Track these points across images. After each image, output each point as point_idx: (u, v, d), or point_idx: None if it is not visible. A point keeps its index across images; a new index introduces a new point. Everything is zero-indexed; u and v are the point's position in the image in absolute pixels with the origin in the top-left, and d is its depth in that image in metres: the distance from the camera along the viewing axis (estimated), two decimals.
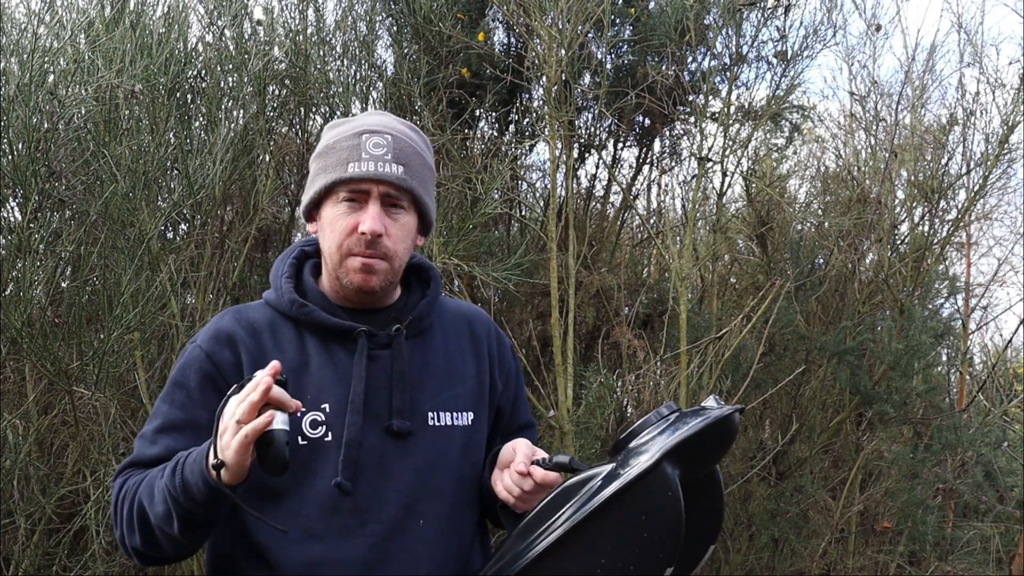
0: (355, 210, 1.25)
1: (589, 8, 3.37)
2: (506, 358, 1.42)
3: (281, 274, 1.35)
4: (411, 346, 1.30)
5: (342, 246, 1.25)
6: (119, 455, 2.98)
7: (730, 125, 3.73)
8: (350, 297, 1.30)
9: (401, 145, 1.27)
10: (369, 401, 1.24)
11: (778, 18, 3.72)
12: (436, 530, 1.25)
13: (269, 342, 1.28)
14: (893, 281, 4.09)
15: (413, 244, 1.32)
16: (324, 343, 1.28)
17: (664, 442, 1.06)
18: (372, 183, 1.24)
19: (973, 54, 4.11)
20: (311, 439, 1.22)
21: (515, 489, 1.21)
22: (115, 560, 3.04)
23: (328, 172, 1.27)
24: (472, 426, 1.32)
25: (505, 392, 1.41)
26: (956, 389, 4.95)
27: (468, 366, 1.36)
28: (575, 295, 3.53)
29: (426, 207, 1.31)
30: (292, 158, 3.77)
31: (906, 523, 4.09)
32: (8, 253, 2.74)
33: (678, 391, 3.47)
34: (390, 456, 1.24)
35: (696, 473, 1.12)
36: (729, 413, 1.09)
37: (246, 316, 1.32)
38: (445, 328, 1.37)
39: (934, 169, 4.27)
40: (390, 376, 1.26)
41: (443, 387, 1.31)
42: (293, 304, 1.29)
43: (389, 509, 1.23)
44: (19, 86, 2.63)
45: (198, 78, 3.35)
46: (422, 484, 1.25)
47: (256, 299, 1.42)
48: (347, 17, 3.68)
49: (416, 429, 1.26)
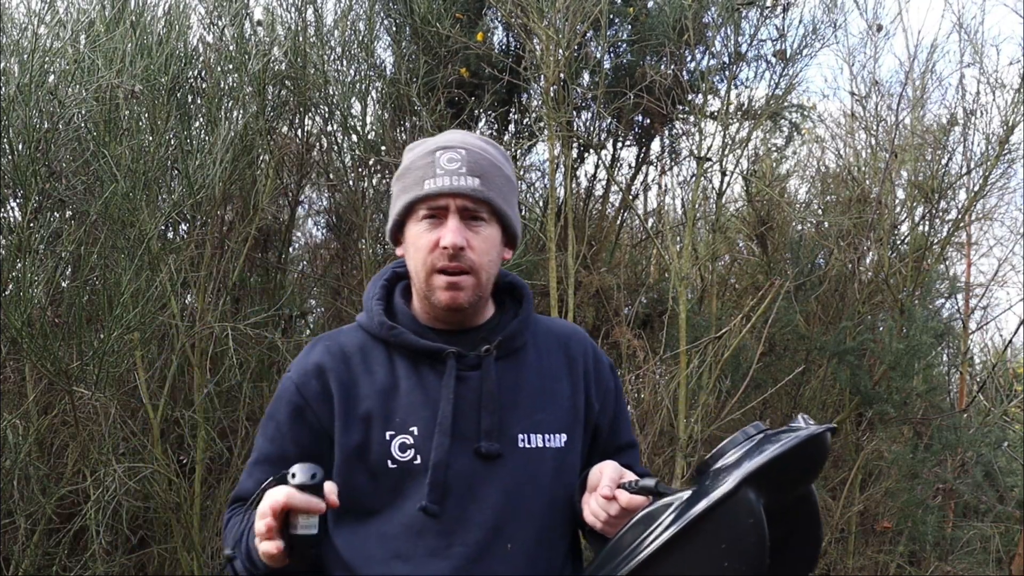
0: (435, 226, 1.25)
1: (587, 8, 3.38)
2: (603, 377, 1.39)
3: (372, 296, 1.35)
4: (502, 367, 1.29)
5: (427, 263, 1.25)
6: (119, 455, 2.99)
7: (729, 124, 3.73)
8: (440, 317, 1.30)
9: (475, 158, 1.27)
10: (457, 423, 1.23)
11: (777, 17, 3.72)
12: (524, 554, 1.24)
13: (359, 366, 1.28)
14: (893, 281, 4.09)
15: (499, 257, 1.31)
16: (414, 365, 1.28)
17: (746, 465, 1.00)
18: (448, 197, 1.24)
19: (973, 54, 4.11)
20: (400, 462, 1.23)
21: (601, 514, 1.18)
22: (115, 560, 3.05)
23: (406, 192, 1.28)
24: (565, 448, 1.30)
25: (603, 412, 1.37)
26: (956, 389, 4.95)
27: (562, 386, 1.33)
28: (574, 295, 3.53)
29: (508, 219, 1.30)
30: (292, 158, 3.78)
31: (906, 523, 4.09)
32: (8, 253, 2.74)
33: (678, 391, 3.47)
34: (478, 478, 1.23)
35: (787, 496, 1.07)
36: (818, 432, 1.03)
37: (337, 342, 1.32)
38: (539, 347, 1.35)
39: (934, 169, 4.27)
40: (479, 397, 1.25)
41: (535, 408, 1.29)
42: (383, 326, 1.29)
43: (476, 532, 1.22)
44: (19, 86, 2.64)
45: (198, 78, 3.36)
46: (510, 507, 1.24)
47: (257, 299, 1.43)
48: (346, 17, 3.68)
49: (505, 451, 1.25)
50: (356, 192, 3.77)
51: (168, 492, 3.07)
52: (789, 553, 1.06)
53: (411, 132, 3.69)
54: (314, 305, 4.21)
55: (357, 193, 3.76)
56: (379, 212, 3.83)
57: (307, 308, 4.13)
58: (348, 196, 3.77)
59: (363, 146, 3.69)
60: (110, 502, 2.85)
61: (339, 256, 4.02)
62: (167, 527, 3.15)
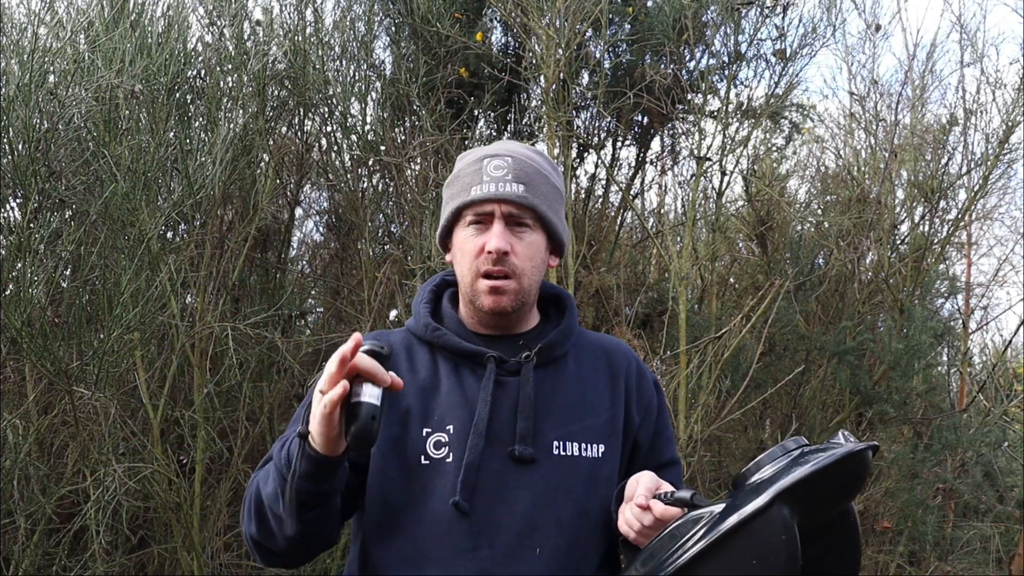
0: (481, 232, 1.30)
1: (587, 7, 3.38)
2: (646, 392, 1.40)
3: (420, 300, 1.40)
4: (541, 375, 1.31)
5: (472, 267, 1.30)
6: (119, 455, 2.99)
7: (729, 124, 3.73)
8: (485, 321, 1.34)
9: (522, 165, 1.31)
10: (493, 425, 1.25)
11: (777, 16, 3.72)
12: (553, 560, 1.23)
13: (404, 363, 1.32)
14: (893, 281, 4.09)
15: (544, 264, 1.35)
16: (455, 367, 1.31)
17: (781, 481, 0.98)
18: (494, 203, 1.29)
19: (973, 54, 4.11)
20: (433, 459, 1.24)
21: (635, 523, 1.16)
22: (115, 560, 3.05)
23: (454, 199, 1.33)
24: (602, 459, 1.30)
25: (643, 426, 1.37)
26: (956, 389, 4.95)
27: (602, 398, 1.34)
28: (574, 295, 3.53)
29: (553, 226, 1.33)
30: (291, 158, 3.78)
31: (906, 523, 4.09)
32: (8, 253, 2.74)
33: (678, 391, 3.47)
34: (509, 481, 1.24)
35: (826, 513, 1.04)
36: (858, 450, 1.01)
37: (385, 337, 1.37)
38: (581, 359, 1.37)
39: (934, 169, 4.27)
40: (515, 402, 1.27)
41: (572, 417, 1.30)
42: (428, 328, 1.34)
43: (503, 535, 1.22)
44: (19, 86, 2.64)
45: (198, 78, 3.36)
46: (540, 513, 1.24)
47: (257, 299, 1.45)
48: (346, 17, 3.69)
49: (539, 456, 1.25)
50: (356, 192, 3.77)
51: (168, 492, 3.07)
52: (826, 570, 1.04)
53: (410, 132, 3.69)
54: (314, 305, 4.21)
55: (357, 193, 3.76)
56: (379, 212, 3.83)
57: (307, 308, 4.13)
58: (348, 196, 3.77)
59: (363, 146, 3.69)
60: (110, 502, 2.85)
61: (339, 256, 4.02)
62: (167, 527, 3.15)
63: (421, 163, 3.61)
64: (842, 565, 1.10)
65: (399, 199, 3.77)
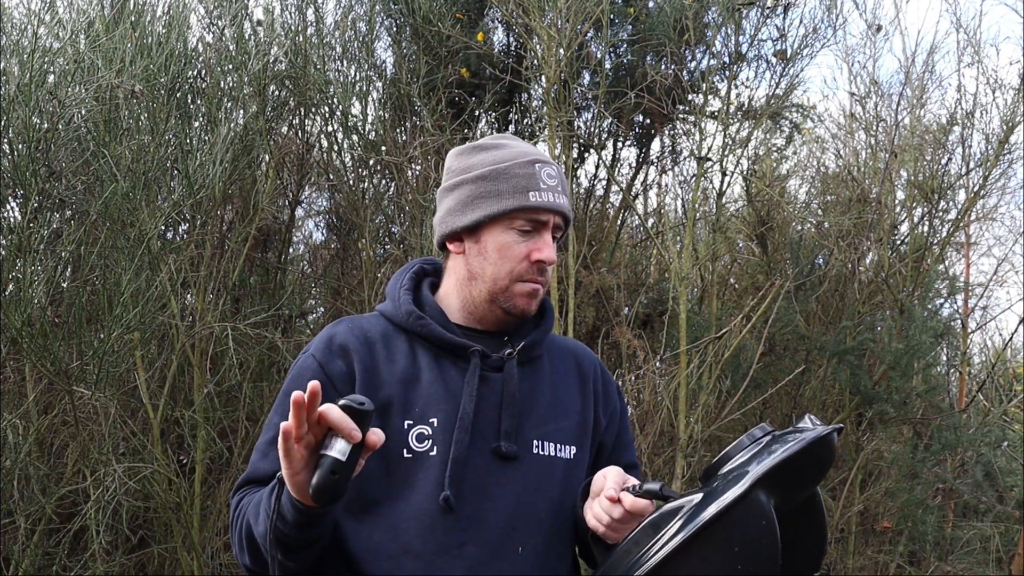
0: (528, 238, 1.28)
1: (588, 8, 3.37)
2: (611, 397, 1.41)
3: (400, 286, 1.34)
4: (520, 373, 1.30)
5: (513, 271, 1.27)
6: (119, 455, 2.99)
7: (729, 124, 3.73)
8: (494, 320, 1.32)
9: (563, 179, 1.34)
10: (477, 421, 1.23)
11: (777, 17, 3.72)
12: (533, 559, 1.24)
13: (382, 352, 1.27)
14: (893, 281, 4.09)
15: None
16: (435, 358, 1.28)
17: (756, 468, 0.99)
18: (551, 213, 1.29)
19: (973, 54, 4.11)
20: (416, 452, 1.22)
21: (604, 517, 1.16)
22: (115, 560, 3.05)
23: (504, 198, 1.27)
24: (573, 460, 1.31)
25: (608, 430, 1.39)
26: (956, 389, 4.95)
27: (573, 401, 1.35)
28: (575, 295, 3.53)
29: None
30: (292, 158, 3.78)
31: (906, 523, 4.09)
32: (8, 253, 2.74)
33: (678, 391, 3.47)
34: (493, 478, 1.23)
35: (795, 498, 1.06)
36: (826, 433, 1.02)
37: (360, 325, 1.31)
38: (553, 361, 1.37)
39: (934, 169, 4.27)
40: (500, 398, 1.26)
41: (548, 418, 1.30)
42: (410, 315, 1.29)
43: (488, 532, 1.21)
44: (19, 86, 2.64)
45: (198, 78, 3.36)
46: (521, 511, 1.24)
47: (257, 299, 1.43)
48: (347, 17, 3.68)
49: (521, 454, 1.25)
50: (356, 192, 3.77)
51: (168, 492, 3.07)
52: (795, 554, 1.05)
53: (411, 132, 3.69)
54: (314, 305, 4.21)
55: (357, 193, 3.76)
56: (379, 212, 3.83)
57: (307, 308, 4.13)
58: (348, 196, 3.77)
59: (363, 146, 3.69)
60: (110, 502, 2.85)
61: (339, 256, 4.02)
62: (167, 527, 3.15)
63: (422, 163, 3.61)
64: (811, 548, 1.12)
65: (400, 199, 3.77)
